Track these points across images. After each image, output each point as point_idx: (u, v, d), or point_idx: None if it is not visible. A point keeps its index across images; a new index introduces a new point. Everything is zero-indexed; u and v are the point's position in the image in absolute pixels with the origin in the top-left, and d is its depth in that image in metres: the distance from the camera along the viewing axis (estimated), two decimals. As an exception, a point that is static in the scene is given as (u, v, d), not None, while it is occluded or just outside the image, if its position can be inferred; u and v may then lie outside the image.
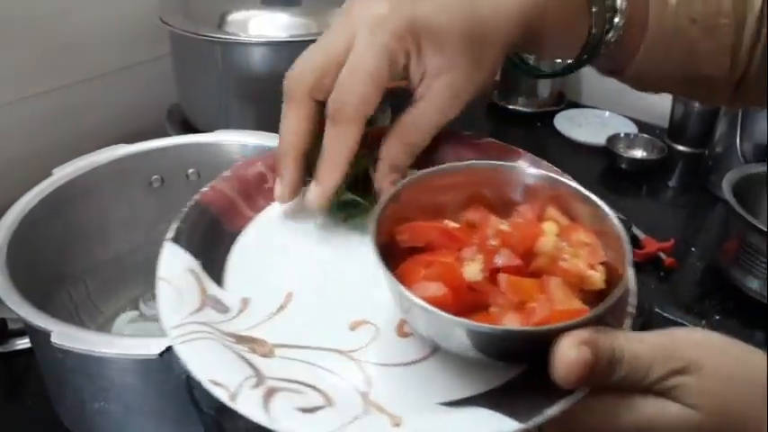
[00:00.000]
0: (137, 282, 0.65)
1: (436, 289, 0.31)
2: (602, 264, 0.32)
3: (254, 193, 0.43)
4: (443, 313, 0.29)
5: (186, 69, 0.84)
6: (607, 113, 1.16)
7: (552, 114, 1.15)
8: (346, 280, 0.37)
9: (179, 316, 0.33)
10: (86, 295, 0.61)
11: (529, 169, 0.37)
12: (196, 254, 0.37)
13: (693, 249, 0.83)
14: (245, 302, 0.36)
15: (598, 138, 1.05)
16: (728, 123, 0.93)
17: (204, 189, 0.41)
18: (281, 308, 0.35)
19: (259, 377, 0.30)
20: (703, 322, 0.71)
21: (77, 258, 0.61)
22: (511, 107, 1.19)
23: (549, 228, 0.34)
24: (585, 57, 0.43)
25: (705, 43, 0.42)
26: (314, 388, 0.31)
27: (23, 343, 0.61)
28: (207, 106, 0.84)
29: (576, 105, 1.20)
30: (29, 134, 0.82)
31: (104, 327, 0.63)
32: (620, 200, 0.94)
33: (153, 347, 0.42)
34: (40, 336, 0.45)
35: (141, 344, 0.43)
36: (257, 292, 0.36)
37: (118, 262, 0.65)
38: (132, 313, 0.65)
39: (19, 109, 0.81)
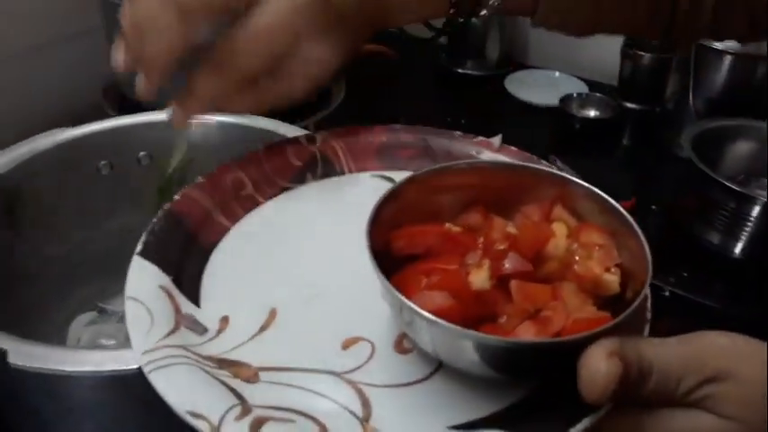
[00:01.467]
0: (92, 279, 0.60)
1: (442, 299, 0.28)
2: (616, 266, 0.31)
3: (231, 201, 0.40)
4: (453, 326, 0.26)
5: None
6: (557, 74, 1.15)
7: (502, 77, 1.14)
8: (335, 293, 0.35)
9: (151, 339, 0.30)
10: (37, 298, 0.55)
11: (534, 166, 0.35)
12: (168, 269, 0.34)
13: (653, 207, 0.84)
14: (224, 322, 0.33)
15: (550, 99, 1.05)
16: (680, 79, 0.94)
17: (176, 197, 0.38)
18: (265, 327, 0.33)
19: (244, 406, 0.28)
20: (672, 280, 0.72)
21: (24, 258, 0.55)
22: (460, 71, 1.17)
23: (559, 229, 0.32)
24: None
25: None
26: (306, 415, 0.28)
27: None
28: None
29: (525, 67, 1.18)
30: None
31: (60, 331, 0.58)
32: (577, 160, 0.93)
33: (130, 360, 0.38)
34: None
35: (115, 357, 0.38)
36: (237, 309, 0.34)
37: (69, 259, 0.59)
38: (90, 314, 0.60)
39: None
